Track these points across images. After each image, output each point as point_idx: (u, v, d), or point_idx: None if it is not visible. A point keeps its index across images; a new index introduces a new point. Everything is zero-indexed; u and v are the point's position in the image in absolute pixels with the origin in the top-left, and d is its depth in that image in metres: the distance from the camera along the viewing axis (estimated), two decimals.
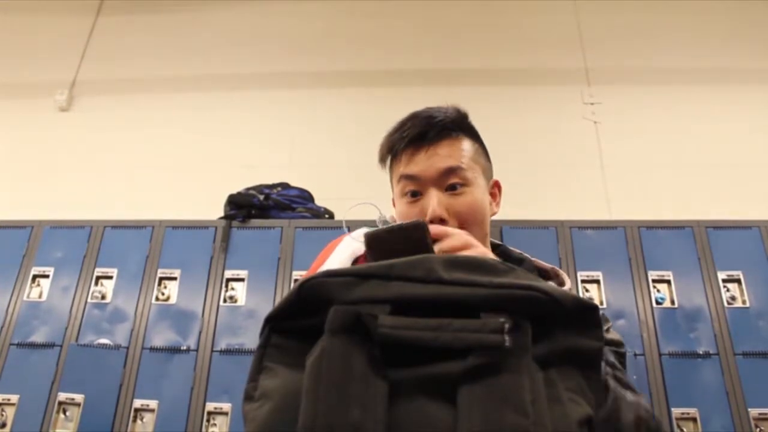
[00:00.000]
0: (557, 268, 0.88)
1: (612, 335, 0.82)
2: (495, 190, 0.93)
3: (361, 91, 3.29)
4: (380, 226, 0.83)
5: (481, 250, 0.70)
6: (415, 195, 0.83)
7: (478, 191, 0.84)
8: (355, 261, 0.84)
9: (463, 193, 0.82)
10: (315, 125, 3.21)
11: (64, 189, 3.06)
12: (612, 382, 0.68)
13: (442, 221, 0.79)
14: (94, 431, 2.09)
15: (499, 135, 0.95)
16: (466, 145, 0.86)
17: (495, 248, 0.91)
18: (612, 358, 0.76)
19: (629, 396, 0.69)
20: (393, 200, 0.91)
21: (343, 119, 3.21)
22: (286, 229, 2.45)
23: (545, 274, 0.88)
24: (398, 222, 0.73)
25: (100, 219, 2.53)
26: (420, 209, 0.82)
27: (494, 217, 0.90)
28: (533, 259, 0.91)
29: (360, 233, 0.89)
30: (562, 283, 0.84)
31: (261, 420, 0.49)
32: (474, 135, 0.89)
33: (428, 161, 0.82)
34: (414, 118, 0.86)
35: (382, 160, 0.90)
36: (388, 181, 0.92)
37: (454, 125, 0.85)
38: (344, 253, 0.85)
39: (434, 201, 0.80)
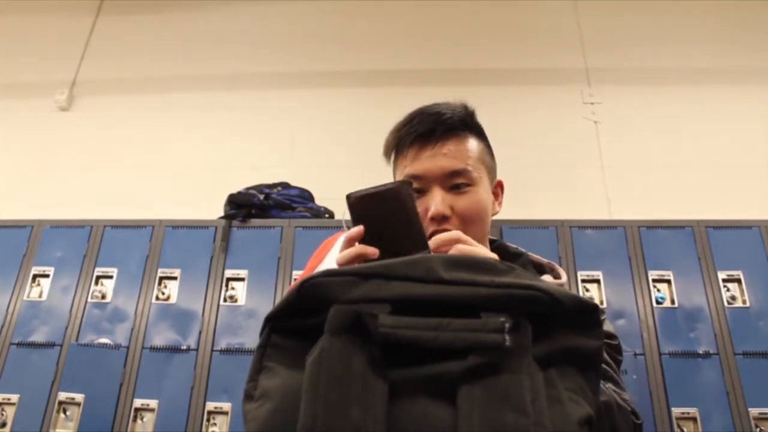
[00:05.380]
0: (553, 263, 0.89)
1: (605, 327, 0.82)
2: (498, 189, 0.93)
3: (361, 91, 3.28)
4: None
5: (480, 250, 0.70)
6: (419, 191, 0.83)
7: (482, 190, 0.85)
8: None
9: (467, 192, 0.83)
10: (315, 125, 3.20)
11: (64, 189, 3.06)
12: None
13: (444, 219, 0.80)
14: (94, 431, 2.09)
15: (498, 135, 0.95)
16: (473, 144, 0.86)
17: (491, 243, 0.92)
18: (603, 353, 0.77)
19: (608, 387, 0.70)
20: None
21: (343, 119, 3.21)
22: (286, 228, 2.45)
23: (541, 269, 0.89)
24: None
25: (100, 219, 2.53)
26: (423, 206, 0.82)
27: (494, 217, 0.90)
28: (529, 254, 0.92)
29: None
30: (557, 277, 0.85)
31: (261, 420, 0.49)
32: (480, 134, 0.89)
33: (434, 160, 0.82)
34: (421, 114, 0.86)
35: (387, 154, 0.90)
36: (388, 181, 0.91)
37: (461, 124, 0.85)
38: None
39: (437, 199, 0.81)
